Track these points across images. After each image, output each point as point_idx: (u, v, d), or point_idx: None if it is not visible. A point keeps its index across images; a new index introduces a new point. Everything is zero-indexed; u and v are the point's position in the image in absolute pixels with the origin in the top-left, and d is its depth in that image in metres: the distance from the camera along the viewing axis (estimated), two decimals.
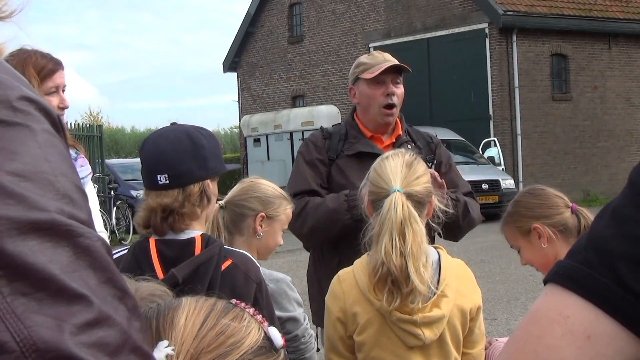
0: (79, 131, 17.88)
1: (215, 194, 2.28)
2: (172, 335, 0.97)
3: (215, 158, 2.22)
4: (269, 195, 2.67)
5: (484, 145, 19.99)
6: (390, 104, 3.30)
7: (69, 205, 0.70)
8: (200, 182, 2.18)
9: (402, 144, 3.33)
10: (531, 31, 21.24)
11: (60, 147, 0.75)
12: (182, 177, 2.16)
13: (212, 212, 2.32)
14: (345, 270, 2.36)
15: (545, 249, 2.57)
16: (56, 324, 0.63)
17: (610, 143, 22.68)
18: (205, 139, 2.21)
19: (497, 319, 7.66)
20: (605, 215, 0.84)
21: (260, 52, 27.91)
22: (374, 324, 2.25)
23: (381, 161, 2.38)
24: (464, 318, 2.33)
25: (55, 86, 2.84)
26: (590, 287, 0.79)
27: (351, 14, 24.79)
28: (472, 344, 2.39)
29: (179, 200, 2.15)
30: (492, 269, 10.88)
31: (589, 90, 22.42)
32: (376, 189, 2.30)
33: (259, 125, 24.16)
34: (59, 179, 0.71)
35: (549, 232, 2.56)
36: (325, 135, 3.39)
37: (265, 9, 27.58)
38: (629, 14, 22.68)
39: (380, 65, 3.28)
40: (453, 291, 2.30)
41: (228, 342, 0.97)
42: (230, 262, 2.13)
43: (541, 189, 2.70)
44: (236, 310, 1.03)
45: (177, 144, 2.19)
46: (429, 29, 22.74)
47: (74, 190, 0.73)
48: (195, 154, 2.17)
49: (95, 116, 42.34)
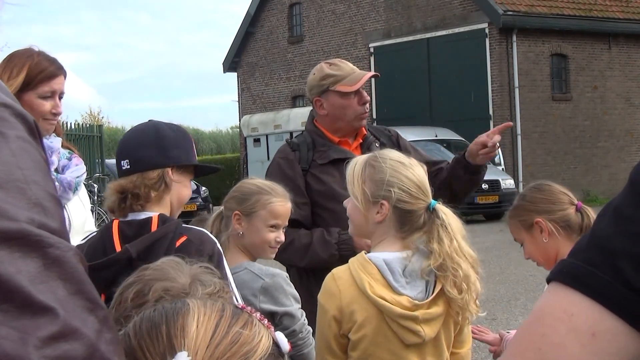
0: (79, 131, 17.88)
1: (184, 184, 2.40)
2: (185, 343, 0.95)
3: (179, 149, 2.36)
4: (245, 193, 2.71)
5: None
6: (365, 111, 3.35)
7: (40, 214, 0.69)
8: (160, 169, 2.32)
9: (370, 143, 3.37)
10: (531, 31, 21.25)
11: (35, 154, 0.74)
12: (141, 162, 2.33)
13: (177, 198, 2.41)
14: (340, 268, 2.34)
15: (547, 243, 2.60)
16: (20, 336, 0.62)
17: (610, 143, 22.68)
18: (173, 131, 2.38)
19: (497, 319, 7.66)
20: (607, 214, 0.84)
21: (260, 52, 27.92)
22: (371, 322, 2.24)
23: (409, 167, 2.35)
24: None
25: (51, 91, 2.81)
26: (594, 286, 0.80)
27: (351, 14, 24.79)
28: (461, 343, 2.40)
29: (136, 183, 2.31)
30: (492, 269, 10.88)
31: (589, 90, 22.43)
32: (413, 201, 2.31)
33: (259, 125, 24.17)
34: (31, 187, 0.70)
35: (551, 227, 2.58)
36: (294, 147, 3.37)
37: (265, 9, 27.58)
38: (629, 14, 22.68)
39: (355, 77, 3.28)
40: None
41: (242, 351, 0.95)
42: (185, 238, 2.24)
43: (547, 184, 2.74)
44: (245, 315, 1.01)
45: (141, 133, 2.41)
46: (429, 29, 22.75)
47: (47, 198, 0.71)
48: (157, 143, 2.34)
49: (96, 116, 42.39)
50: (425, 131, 19.75)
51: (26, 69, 2.76)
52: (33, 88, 2.77)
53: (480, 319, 2.41)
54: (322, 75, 3.31)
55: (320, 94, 3.32)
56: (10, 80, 2.74)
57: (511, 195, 18.35)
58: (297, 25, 26.86)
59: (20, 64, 2.77)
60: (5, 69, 2.77)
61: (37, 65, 2.78)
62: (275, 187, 2.76)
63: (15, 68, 2.76)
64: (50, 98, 2.83)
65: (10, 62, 2.79)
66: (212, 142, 42.30)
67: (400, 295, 2.23)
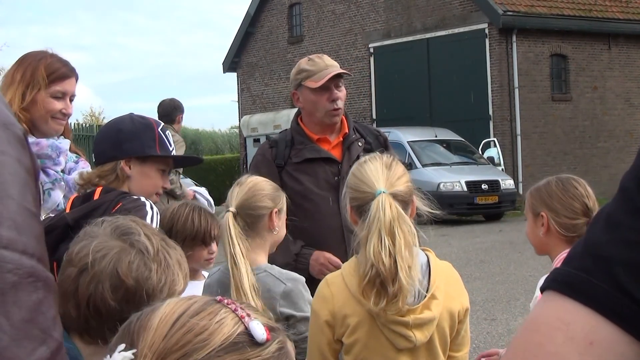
0: (79, 131, 17.91)
1: (148, 174, 2.51)
2: (144, 337, 0.99)
3: (135, 141, 2.48)
4: (272, 190, 2.72)
5: (484, 145, 19.99)
6: (335, 108, 3.35)
7: (10, 229, 0.68)
8: (113, 162, 2.48)
9: (351, 142, 3.37)
10: (531, 31, 21.25)
11: (13, 166, 0.72)
12: (99, 156, 2.53)
13: (139, 189, 2.50)
14: (334, 274, 2.36)
15: (542, 237, 2.61)
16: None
17: (609, 143, 22.68)
18: (132, 123, 2.51)
19: (496, 320, 7.66)
20: (599, 221, 0.84)
21: (260, 53, 27.92)
22: (364, 325, 2.24)
23: (359, 166, 2.36)
24: (452, 321, 2.32)
25: (62, 91, 2.86)
26: (589, 293, 0.79)
27: (351, 14, 24.79)
28: (459, 346, 2.38)
29: (91, 175, 2.51)
30: (492, 269, 10.89)
31: (589, 91, 22.43)
32: (359, 194, 2.29)
33: (259, 125, 24.18)
34: (4, 202, 0.69)
35: (553, 225, 2.58)
36: (272, 144, 3.43)
37: (265, 9, 27.59)
38: (628, 14, 22.68)
39: (322, 74, 3.31)
40: (442, 293, 2.29)
41: (195, 340, 0.97)
42: (119, 205, 2.34)
43: (576, 185, 2.67)
44: (213, 307, 1.02)
45: (105, 128, 2.63)
46: (428, 29, 22.74)
47: (20, 212, 0.70)
48: (113, 136, 2.51)
49: (97, 116, 42.37)
50: (425, 131, 19.76)
51: (40, 69, 2.81)
52: (45, 88, 2.82)
53: (479, 319, 2.40)
54: (299, 70, 3.40)
55: (296, 87, 3.42)
56: (23, 79, 2.80)
57: (511, 196, 18.45)
58: (297, 25, 26.86)
59: (34, 64, 2.83)
60: (19, 68, 2.83)
61: (50, 66, 2.84)
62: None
63: (28, 68, 2.82)
64: (61, 99, 2.88)
65: (23, 62, 2.85)
66: (211, 143, 42.31)
67: None
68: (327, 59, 3.40)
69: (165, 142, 2.55)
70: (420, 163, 18.07)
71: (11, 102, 2.74)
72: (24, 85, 2.79)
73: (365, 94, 24.42)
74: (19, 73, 2.81)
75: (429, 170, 17.70)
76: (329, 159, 3.35)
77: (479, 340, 6.77)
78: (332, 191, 3.32)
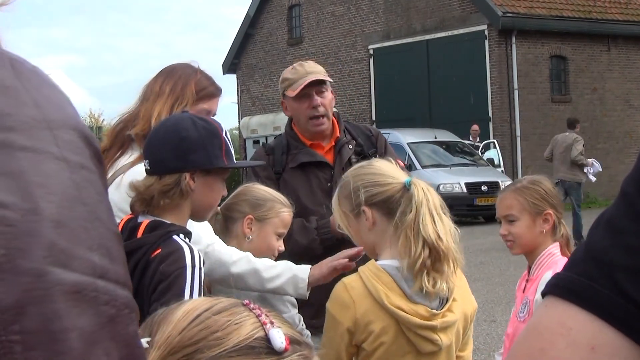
0: None
1: (212, 187, 2.25)
2: (163, 329, 0.98)
3: (201, 152, 2.18)
4: (259, 198, 2.70)
5: (484, 146, 20.00)
6: (316, 115, 3.30)
7: (103, 257, 0.63)
8: (177, 174, 2.16)
9: (342, 145, 3.36)
10: (530, 33, 21.26)
11: (98, 186, 0.66)
12: (157, 165, 2.19)
13: (200, 204, 2.26)
14: (351, 277, 2.27)
15: (541, 235, 2.63)
16: None
17: (609, 145, 22.69)
18: (197, 130, 2.18)
19: (496, 321, 7.66)
20: (600, 226, 0.84)
21: (259, 54, 27.93)
22: (388, 332, 2.19)
23: (367, 165, 2.32)
24: (466, 321, 2.32)
25: (208, 110, 2.78)
26: (591, 299, 0.79)
27: (350, 16, 24.81)
28: (464, 346, 2.38)
29: (149, 187, 2.18)
30: (492, 270, 10.89)
31: (588, 92, 22.44)
32: (383, 188, 2.22)
33: (259, 126, 24.20)
34: (95, 225, 0.63)
35: (556, 221, 2.62)
36: (268, 150, 3.40)
37: (265, 11, 27.60)
38: (628, 16, 22.70)
39: (300, 82, 3.27)
40: (459, 295, 2.29)
41: (210, 337, 0.97)
42: (158, 251, 2.10)
43: (547, 184, 2.80)
44: (237, 309, 1.02)
45: (163, 131, 2.23)
46: (428, 31, 22.76)
47: (111, 238, 0.65)
48: (176, 144, 2.17)
49: (97, 118, 42.36)
50: (425, 133, 19.77)
51: (190, 85, 2.74)
52: (192, 104, 2.72)
53: (479, 320, 2.40)
54: (282, 79, 3.37)
55: (282, 96, 3.39)
56: (173, 92, 2.71)
57: None
58: (297, 27, 26.87)
59: (185, 78, 2.75)
60: (167, 80, 2.74)
61: (199, 82, 2.77)
62: (282, 197, 2.76)
63: (179, 81, 2.73)
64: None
65: (172, 75, 2.76)
66: None
67: (416, 304, 2.18)
68: (309, 66, 3.35)
69: (231, 150, 2.28)
70: (419, 164, 18.07)
71: (160, 114, 2.64)
72: (174, 98, 2.70)
73: (365, 96, 24.43)
74: (168, 85, 2.71)
75: (429, 172, 17.69)
76: (322, 164, 3.33)
77: (478, 342, 6.77)
78: (326, 198, 3.31)
